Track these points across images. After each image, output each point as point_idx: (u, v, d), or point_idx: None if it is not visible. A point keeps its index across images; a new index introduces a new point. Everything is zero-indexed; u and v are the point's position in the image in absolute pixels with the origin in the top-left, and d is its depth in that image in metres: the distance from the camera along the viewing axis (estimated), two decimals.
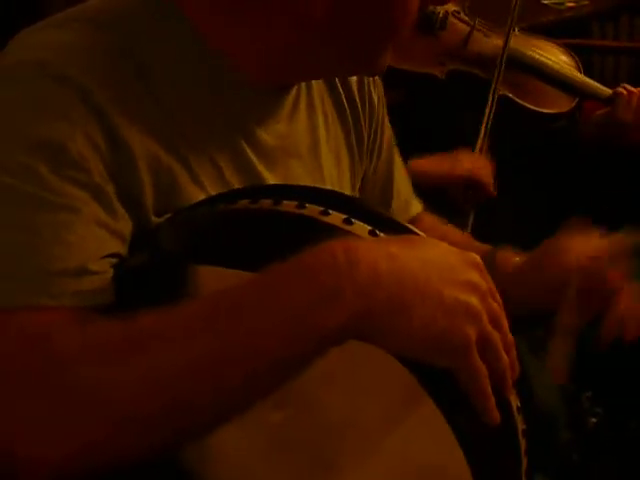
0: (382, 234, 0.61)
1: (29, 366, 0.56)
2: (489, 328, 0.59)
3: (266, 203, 0.63)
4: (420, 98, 1.44)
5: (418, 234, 0.64)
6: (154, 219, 0.70)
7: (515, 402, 0.65)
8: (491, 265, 0.84)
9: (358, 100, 0.92)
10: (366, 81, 0.93)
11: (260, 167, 0.80)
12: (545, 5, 2.48)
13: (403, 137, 1.14)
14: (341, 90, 0.90)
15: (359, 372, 0.61)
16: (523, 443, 0.68)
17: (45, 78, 0.66)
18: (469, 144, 1.43)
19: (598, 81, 1.79)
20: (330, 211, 0.61)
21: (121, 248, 0.67)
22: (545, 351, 1.06)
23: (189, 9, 0.73)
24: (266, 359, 0.56)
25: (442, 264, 0.60)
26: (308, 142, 0.87)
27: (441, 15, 1.48)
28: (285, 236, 0.62)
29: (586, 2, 2.47)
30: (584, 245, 0.91)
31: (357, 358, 0.58)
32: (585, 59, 2.41)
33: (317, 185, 0.85)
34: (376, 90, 0.94)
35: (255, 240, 0.62)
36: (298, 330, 0.56)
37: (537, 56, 1.56)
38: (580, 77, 1.56)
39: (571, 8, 2.49)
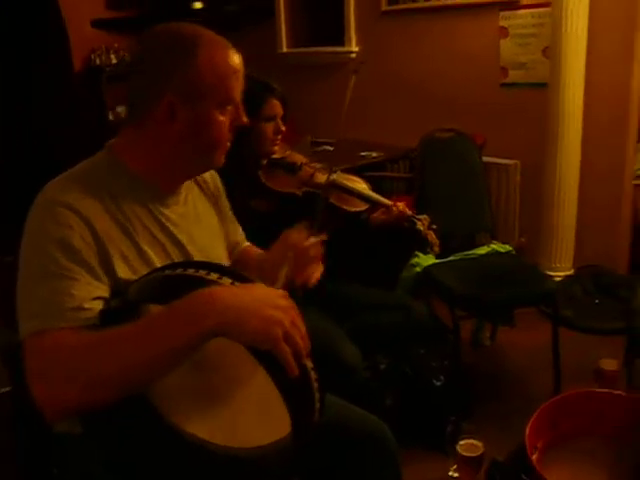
0: (237, 283, 1.11)
1: (55, 355, 1.06)
2: (290, 329, 1.08)
3: (179, 270, 1.12)
4: (287, 206, 2.32)
5: (253, 281, 1.14)
6: (121, 276, 1.21)
7: (309, 364, 1.13)
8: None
9: (215, 193, 1.57)
10: (216, 187, 1.59)
11: (176, 232, 1.36)
12: (362, 156, 4.25)
13: (276, 232, 1.95)
14: (205, 190, 1.55)
15: (234, 350, 1.08)
16: (315, 385, 1.14)
17: (58, 207, 1.18)
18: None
19: (386, 195, 3.29)
20: (211, 273, 1.11)
21: (104, 294, 1.16)
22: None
23: (124, 158, 1.31)
24: (171, 351, 1.04)
25: (263, 297, 1.09)
26: (196, 216, 1.46)
27: (299, 164, 2.40)
28: (191, 286, 1.08)
29: (382, 153, 4.28)
30: (298, 236, 1.56)
31: (233, 344, 1.06)
32: (380, 183, 4.09)
33: (209, 243, 1.45)
34: (221, 191, 1.60)
35: (178, 290, 1.07)
36: (188, 333, 1.04)
37: (349, 183, 2.47)
38: (372, 194, 2.47)
39: (375, 157, 4.25)
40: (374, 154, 4.27)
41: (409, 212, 2.41)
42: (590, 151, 3.86)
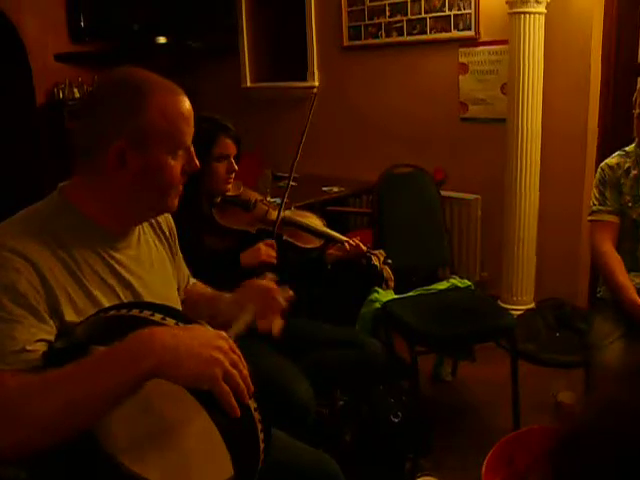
0: (181, 324, 1.15)
1: None
2: (230, 369, 1.10)
3: (124, 311, 1.17)
4: (241, 244, 2.37)
5: (197, 322, 1.17)
6: (69, 319, 1.22)
7: (253, 404, 1.15)
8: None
9: (169, 238, 1.60)
10: (171, 232, 1.61)
11: (127, 276, 1.38)
12: (324, 191, 4.28)
13: (230, 269, 2.20)
14: (160, 234, 1.57)
15: (177, 392, 1.09)
16: (259, 426, 1.16)
17: (4, 251, 1.19)
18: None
19: (349, 230, 3.30)
20: (156, 314, 1.14)
21: (49, 336, 1.18)
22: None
23: (75, 201, 1.33)
24: (108, 391, 1.05)
25: (203, 338, 1.12)
26: (149, 259, 1.47)
27: (253, 201, 2.44)
28: (135, 327, 1.10)
29: (343, 188, 4.34)
30: (263, 282, 1.66)
31: (174, 386, 1.08)
32: (342, 217, 4.11)
33: (162, 288, 1.47)
34: (175, 235, 1.63)
35: (123, 330, 1.10)
36: (126, 374, 1.05)
37: (302, 219, 2.52)
38: (326, 229, 2.52)
39: (337, 192, 4.30)
40: (335, 189, 4.33)
41: (364, 247, 2.45)
42: (549, 186, 3.94)
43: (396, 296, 3.10)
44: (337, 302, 3.22)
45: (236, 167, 2.33)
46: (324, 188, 4.33)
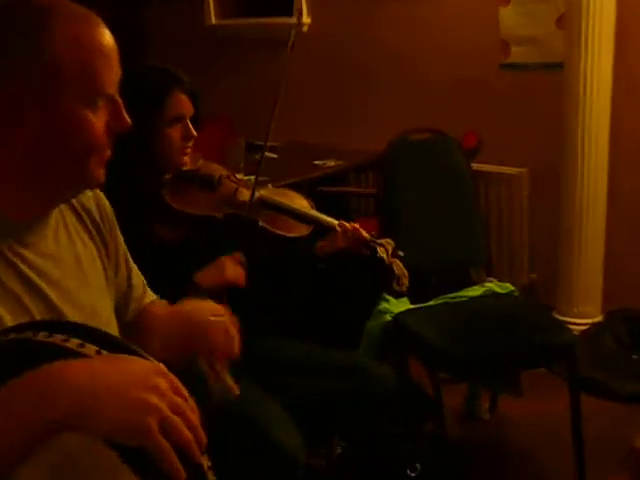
0: (106, 352, 1.12)
1: None
2: (169, 416, 1.07)
3: (28, 333, 1.14)
4: (202, 234, 2.39)
5: (137, 351, 1.17)
6: None
7: (206, 462, 1.14)
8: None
9: (102, 228, 1.58)
10: (105, 218, 1.59)
11: (39, 281, 1.35)
12: (315, 164, 4.31)
13: (186, 268, 2.22)
14: (89, 222, 1.55)
15: (96, 449, 1.06)
16: None
17: None
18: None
19: (350, 217, 3.32)
20: (70, 338, 1.12)
21: None
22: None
23: None
24: (7, 445, 1.03)
25: (133, 375, 1.09)
26: (72, 258, 1.46)
27: (217, 177, 2.45)
28: (39, 357, 1.08)
29: (341, 162, 4.38)
30: (209, 308, 1.68)
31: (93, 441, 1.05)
32: (340, 201, 4.15)
33: (92, 299, 1.47)
34: (114, 222, 1.62)
35: (22, 362, 1.08)
36: (22, 426, 1.03)
37: (284, 199, 2.52)
38: (315, 213, 2.52)
39: (333, 166, 4.31)
40: (331, 162, 4.32)
41: (366, 234, 2.47)
42: (622, 158, 3.94)
43: (412, 305, 3.12)
44: (332, 314, 3.24)
45: (194, 132, 2.36)
46: (316, 162, 4.32)
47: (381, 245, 2.43)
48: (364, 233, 2.45)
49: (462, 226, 3.40)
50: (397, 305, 3.12)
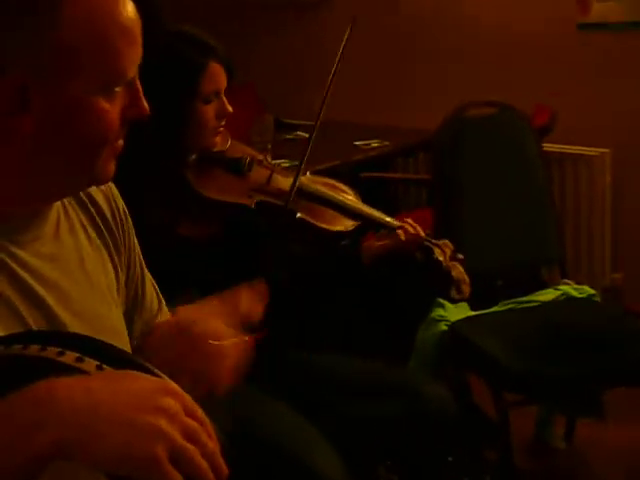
0: (108, 367, 1.12)
1: None
2: (180, 443, 1.06)
3: (17, 347, 1.13)
4: (233, 226, 2.43)
5: (145, 367, 1.17)
6: None
7: None
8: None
9: (113, 225, 1.58)
10: (117, 214, 1.60)
11: (37, 286, 1.36)
12: (356, 146, 4.33)
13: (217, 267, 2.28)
14: (97, 218, 1.56)
15: None
16: None
17: None
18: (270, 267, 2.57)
19: (397, 208, 3.28)
20: (66, 351, 1.11)
21: None
22: None
23: None
24: None
25: (138, 395, 1.08)
26: (75, 259, 1.47)
27: (248, 160, 2.48)
28: (30, 374, 1.07)
29: (387, 143, 4.38)
30: (213, 327, 1.63)
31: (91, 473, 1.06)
32: (387, 189, 4.16)
33: (96, 306, 1.47)
34: (127, 220, 1.62)
35: (10, 380, 1.07)
36: (7, 457, 1.02)
37: (328, 190, 2.57)
38: (364, 207, 2.56)
39: (377, 148, 4.33)
40: (375, 143, 4.34)
41: (423, 234, 2.48)
42: None
43: (473, 313, 3.13)
44: (379, 323, 3.24)
45: (230, 108, 2.40)
46: (357, 142, 4.35)
47: (437, 246, 2.44)
48: (421, 232, 2.47)
49: (532, 218, 3.39)
50: (455, 312, 3.12)
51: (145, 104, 1.39)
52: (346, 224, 2.51)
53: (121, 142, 1.40)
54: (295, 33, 5.23)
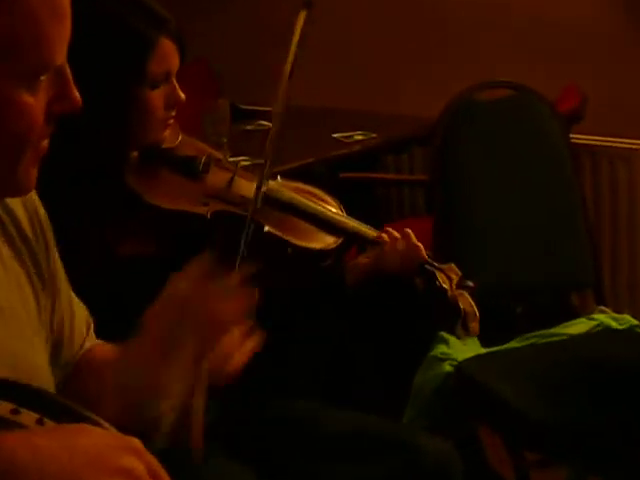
0: (50, 421, 1.16)
1: None
2: None
3: None
4: (183, 242, 2.37)
5: (91, 418, 1.21)
6: None
7: None
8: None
9: (32, 238, 1.61)
10: (37, 224, 1.63)
11: None
12: (334, 139, 4.33)
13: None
14: (13, 230, 1.58)
15: None
16: None
17: None
18: None
19: (392, 214, 3.24)
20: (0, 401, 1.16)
21: None
22: None
23: None
24: None
25: (94, 453, 1.12)
26: None
27: (204, 160, 2.47)
28: None
29: (374, 135, 4.37)
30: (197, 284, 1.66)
31: None
32: (373, 192, 4.17)
33: (15, 340, 1.48)
34: (49, 231, 1.66)
35: None
36: None
37: (302, 198, 2.56)
38: (346, 219, 2.57)
39: (362, 141, 4.33)
40: (358, 136, 4.35)
41: (424, 254, 2.49)
42: None
43: (484, 349, 3.15)
44: (367, 361, 3.26)
45: (182, 95, 2.40)
46: (336, 135, 4.33)
47: (442, 271, 2.46)
48: (421, 250, 2.48)
49: (558, 229, 3.41)
50: (462, 348, 3.13)
51: (76, 94, 1.39)
52: (326, 241, 2.52)
53: (46, 143, 1.41)
54: (250, 7, 5.29)
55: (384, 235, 2.49)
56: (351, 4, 4.91)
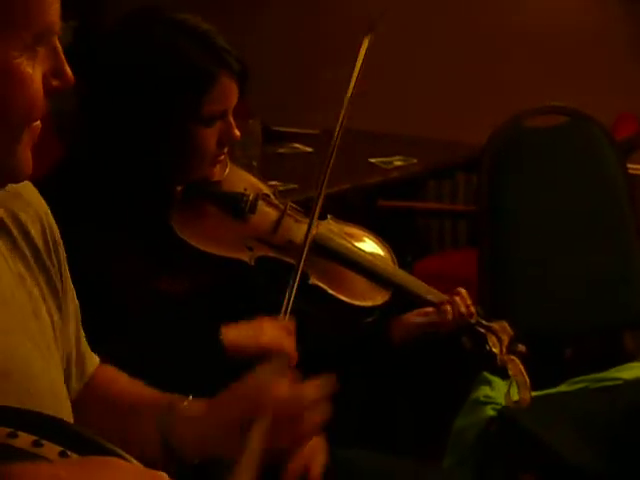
0: (74, 454, 1.16)
1: None
2: None
3: None
4: (223, 287, 2.43)
5: (114, 451, 1.21)
6: None
7: None
8: (171, 412, 1.69)
9: (45, 257, 1.63)
10: (52, 239, 1.65)
11: None
12: (372, 164, 4.31)
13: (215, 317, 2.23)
14: (25, 247, 1.59)
15: None
16: None
17: None
18: None
19: (432, 246, 3.19)
20: (19, 433, 1.16)
21: None
22: None
23: None
24: None
25: None
26: (3, 296, 1.50)
27: (251, 198, 2.45)
28: None
29: (415, 160, 4.31)
30: (280, 387, 1.68)
31: None
32: (414, 222, 4.12)
33: (28, 359, 1.50)
34: (61, 249, 1.68)
35: None
36: None
37: (349, 245, 2.56)
38: (398, 270, 2.58)
39: (401, 166, 4.29)
40: (398, 161, 4.31)
41: (474, 312, 2.49)
42: None
43: (532, 393, 3.04)
44: (405, 407, 3.19)
45: (237, 133, 2.36)
46: (373, 159, 4.26)
47: (492, 332, 2.42)
48: (471, 307, 2.45)
49: (612, 265, 3.36)
50: (505, 392, 3.05)
51: (69, 70, 1.40)
52: (374, 296, 2.50)
53: (39, 124, 1.41)
54: (291, 14, 5.28)
55: (448, 308, 2.42)
56: (395, 27, 4.89)
